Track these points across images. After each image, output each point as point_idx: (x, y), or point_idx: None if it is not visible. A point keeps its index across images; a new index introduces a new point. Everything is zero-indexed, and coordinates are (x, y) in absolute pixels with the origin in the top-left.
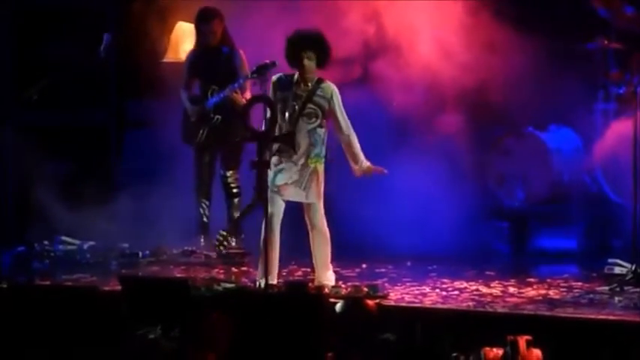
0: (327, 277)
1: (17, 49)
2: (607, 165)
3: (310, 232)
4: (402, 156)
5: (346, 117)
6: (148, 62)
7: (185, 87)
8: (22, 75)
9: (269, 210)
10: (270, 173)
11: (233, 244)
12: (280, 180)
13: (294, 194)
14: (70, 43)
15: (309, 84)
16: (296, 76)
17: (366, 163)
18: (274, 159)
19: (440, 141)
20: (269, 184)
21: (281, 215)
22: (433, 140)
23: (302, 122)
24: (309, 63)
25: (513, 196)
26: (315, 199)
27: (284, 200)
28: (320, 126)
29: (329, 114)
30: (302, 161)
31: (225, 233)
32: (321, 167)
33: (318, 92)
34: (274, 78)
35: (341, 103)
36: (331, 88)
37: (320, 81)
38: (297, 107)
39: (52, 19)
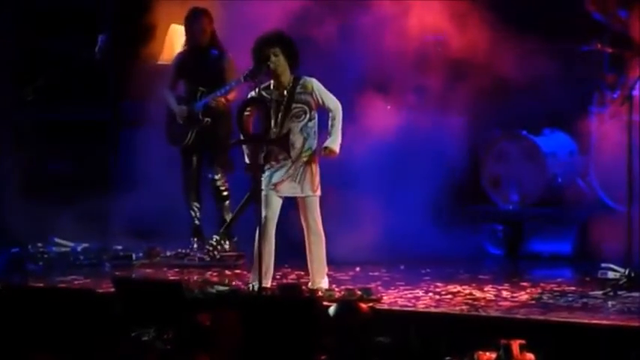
0: (322, 280)
1: (16, 47)
2: (601, 169)
3: (305, 233)
4: (397, 159)
5: (333, 99)
6: (143, 63)
7: (170, 87)
8: (21, 72)
9: (264, 212)
10: (267, 172)
11: (226, 247)
12: (276, 177)
13: (290, 189)
14: (67, 41)
15: (287, 85)
16: (271, 84)
17: (327, 144)
18: (271, 162)
19: (434, 144)
20: (265, 183)
21: (276, 216)
22: (428, 143)
23: (292, 123)
24: (276, 59)
25: (507, 200)
26: (310, 191)
27: (280, 197)
28: (310, 119)
29: (317, 106)
30: (295, 157)
31: (218, 238)
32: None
33: (299, 90)
34: (253, 94)
35: (324, 90)
36: (310, 82)
37: (297, 79)
38: (280, 113)
39: (50, 18)
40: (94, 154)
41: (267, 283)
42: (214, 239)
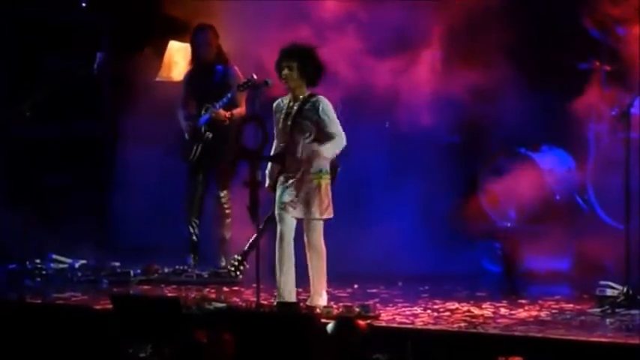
0: (320, 297)
1: (14, 63)
2: (599, 186)
3: (307, 250)
4: (395, 176)
5: (336, 127)
6: (141, 80)
7: (183, 106)
8: (19, 89)
9: (279, 227)
10: (278, 191)
11: (247, 266)
12: (287, 197)
13: (299, 211)
14: (65, 58)
15: (300, 99)
16: (289, 96)
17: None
18: (281, 177)
19: (433, 160)
20: (277, 202)
21: (292, 231)
22: (426, 160)
23: (296, 137)
24: (289, 73)
25: (505, 217)
26: (317, 214)
27: (293, 217)
28: (316, 140)
29: (322, 127)
30: (304, 177)
31: (239, 259)
32: (324, 182)
33: (307, 106)
34: (274, 103)
35: (331, 114)
36: (320, 100)
37: (311, 95)
38: (288, 123)
39: (48, 34)
40: (91, 170)
41: (292, 298)
42: (235, 260)
